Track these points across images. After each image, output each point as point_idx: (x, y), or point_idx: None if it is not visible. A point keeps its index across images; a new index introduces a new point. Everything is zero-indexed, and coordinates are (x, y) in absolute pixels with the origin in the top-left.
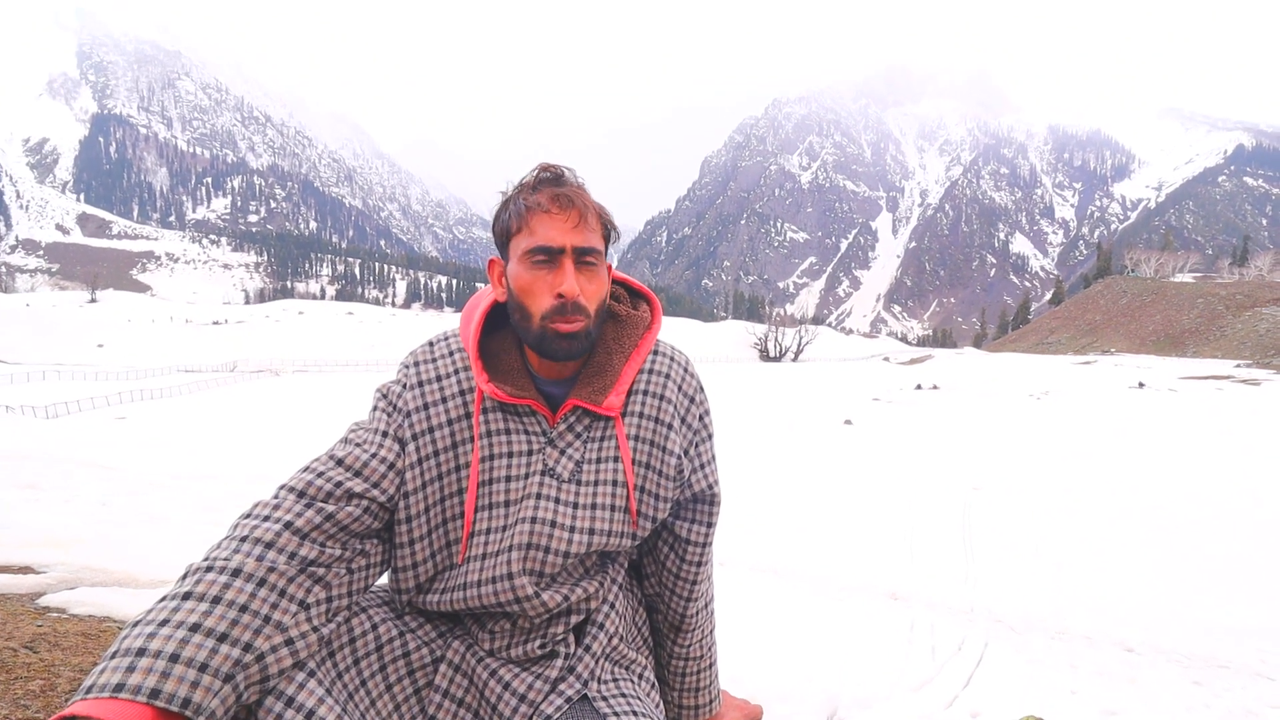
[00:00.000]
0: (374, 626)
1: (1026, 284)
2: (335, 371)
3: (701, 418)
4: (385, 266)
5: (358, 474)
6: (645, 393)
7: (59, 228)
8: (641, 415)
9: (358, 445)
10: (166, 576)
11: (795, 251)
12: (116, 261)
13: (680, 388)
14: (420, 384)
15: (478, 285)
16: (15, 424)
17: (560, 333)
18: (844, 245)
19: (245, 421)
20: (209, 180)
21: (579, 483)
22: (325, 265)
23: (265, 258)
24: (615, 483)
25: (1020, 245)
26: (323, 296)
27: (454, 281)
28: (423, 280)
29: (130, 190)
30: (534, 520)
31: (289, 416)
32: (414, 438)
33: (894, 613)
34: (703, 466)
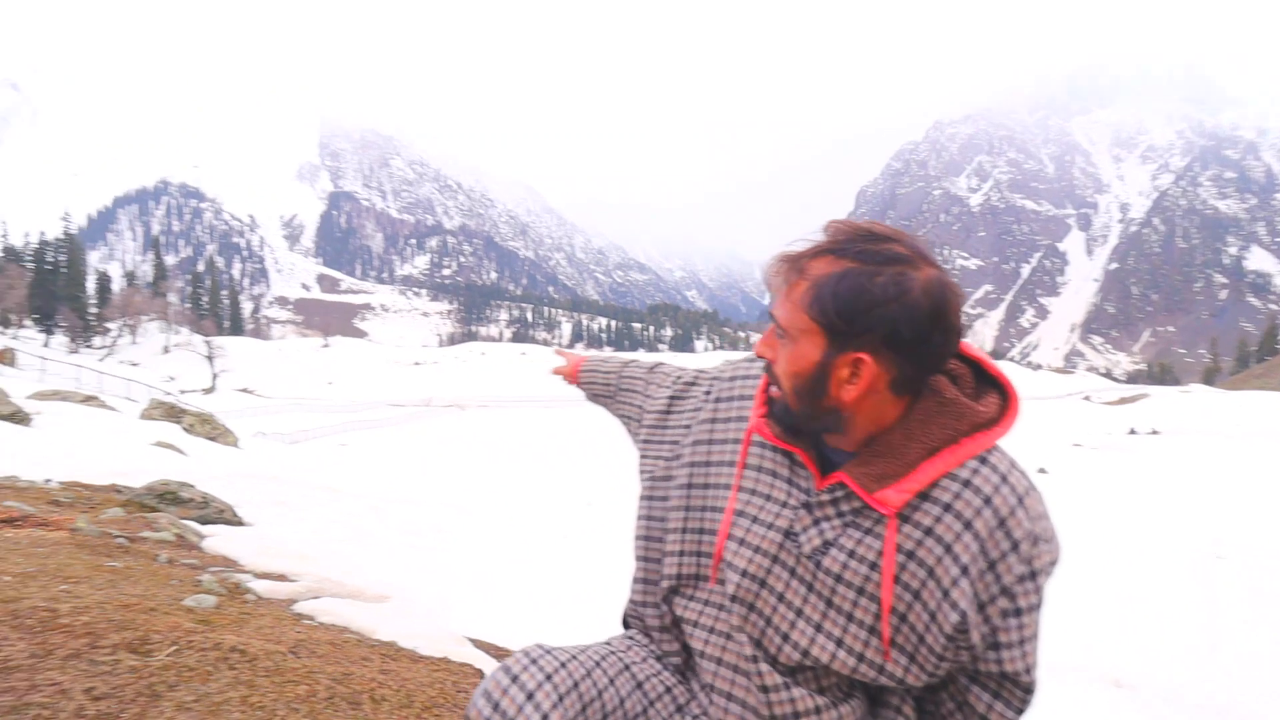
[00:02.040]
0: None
1: (1271, 306)
2: (510, 407)
3: (1024, 579)
4: (552, 310)
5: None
6: (947, 508)
7: (303, 286)
8: (929, 533)
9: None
10: (384, 593)
11: (967, 279)
12: (343, 312)
13: (1003, 525)
14: (730, 398)
15: (634, 326)
16: (267, 448)
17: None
18: (1026, 271)
19: (437, 451)
20: (413, 242)
21: (819, 566)
22: (503, 310)
23: (455, 306)
24: (862, 591)
25: (1259, 260)
26: (501, 339)
27: (613, 323)
28: (585, 322)
29: (355, 253)
30: (763, 584)
31: (471, 447)
32: (693, 444)
33: (1120, 703)
34: (1014, 645)
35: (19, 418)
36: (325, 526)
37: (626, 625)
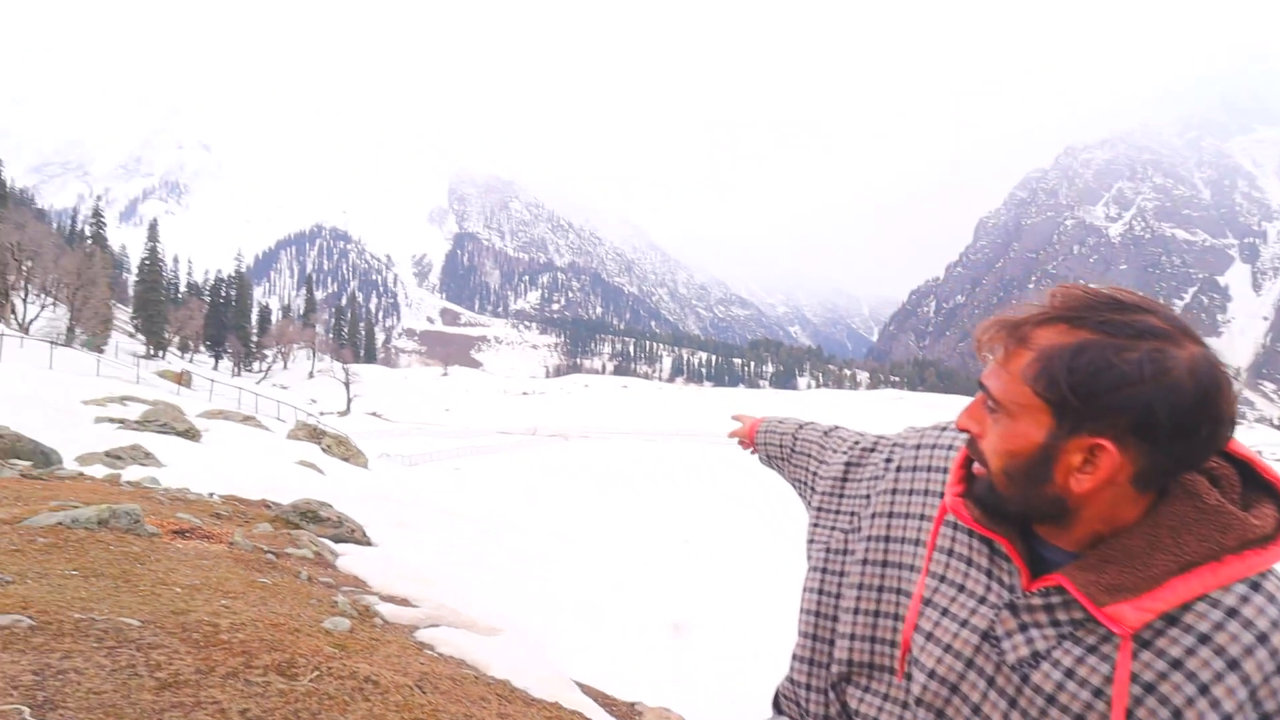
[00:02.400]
0: None
1: None
2: (611, 438)
3: None
4: (654, 345)
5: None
6: (1204, 640)
7: (428, 319)
8: (1178, 666)
9: (833, 449)
10: (497, 624)
11: None
12: (462, 344)
13: None
14: (914, 468)
15: (735, 361)
16: (391, 470)
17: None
18: (1179, 307)
19: (542, 479)
20: (526, 278)
21: (1025, 681)
22: (606, 344)
23: (562, 339)
24: None
25: None
26: (604, 371)
27: (713, 358)
28: (686, 356)
29: (474, 289)
30: (955, 690)
31: (574, 477)
32: (872, 516)
33: None
34: None
35: (192, 434)
36: (442, 550)
37: (778, 705)
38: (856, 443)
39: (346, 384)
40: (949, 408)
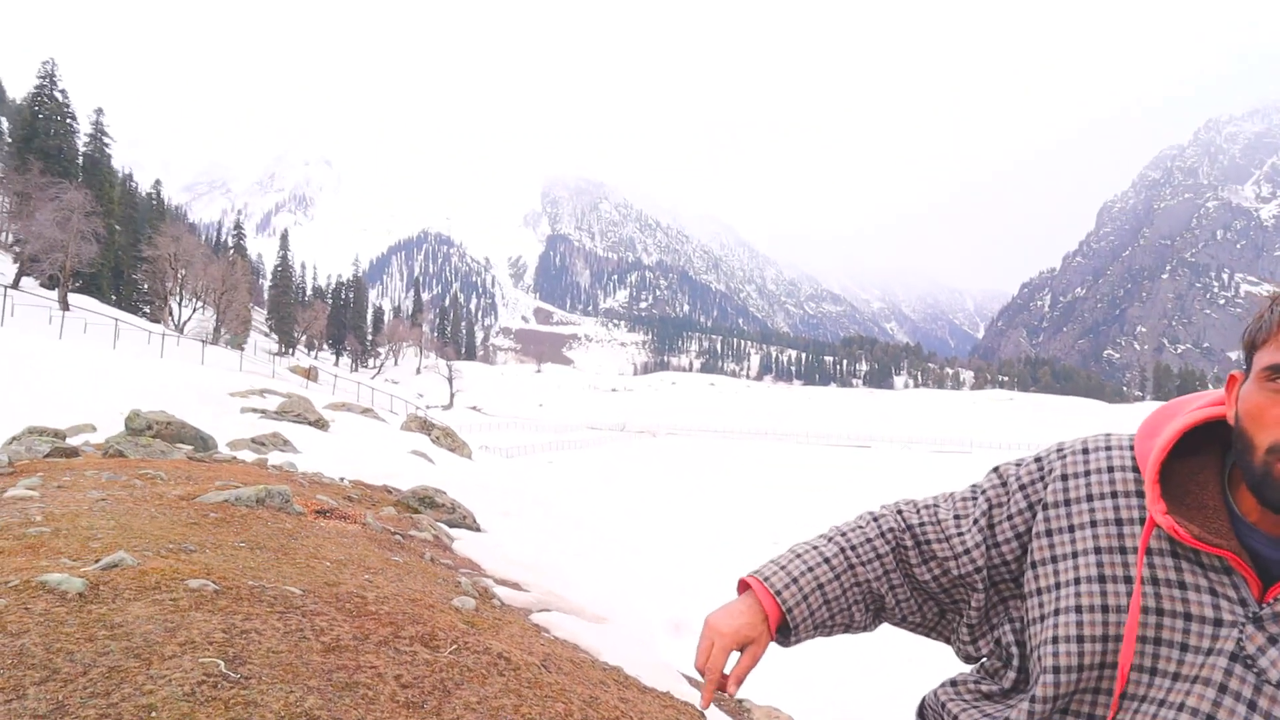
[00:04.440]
0: None
1: None
2: (698, 435)
3: None
4: (742, 342)
5: (943, 540)
6: None
7: (522, 318)
8: None
9: (957, 517)
10: (600, 612)
11: (1257, 311)
12: (554, 342)
13: None
14: (1066, 502)
15: (826, 359)
16: (491, 461)
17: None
18: None
19: (631, 473)
20: (615, 277)
21: None
22: (694, 342)
23: (650, 337)
24: None
25: None
26: (691, 369)
27: (803, 355)
28: (774, 354)
29: (566, 288)
30: None
31: (662, 472)
32: (1048, 560)
33: None
34: None
35: (321, 423)
36: (544, 539)
37: (924, 716)
38: (970, 500)
39: (450, 379)
40: (1067, 410)
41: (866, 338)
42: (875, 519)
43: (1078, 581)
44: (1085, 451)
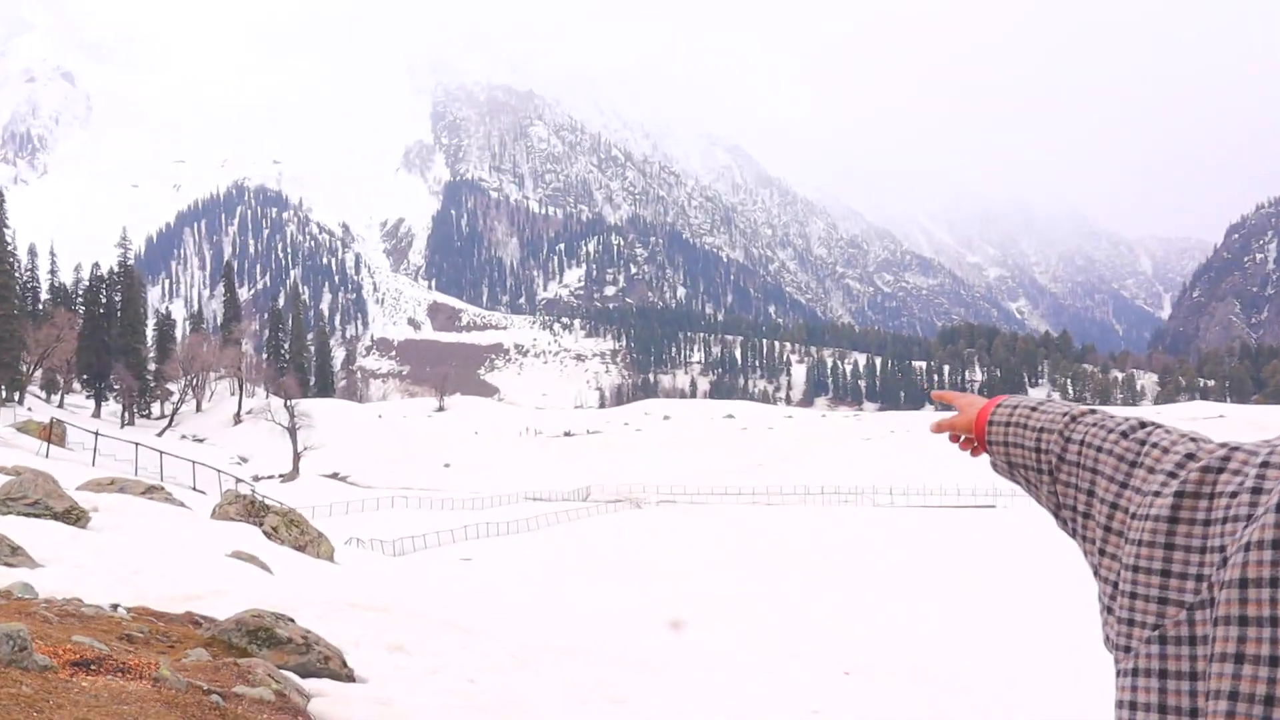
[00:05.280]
0: None
1: None
2: (712, 501)
3: None
4: (776, 344)
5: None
6: None
7: (411, 322)
8: None
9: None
10: None
11: None
12: (465, 359)
13: None
14: None
15: (914, 365)
16: (367, 562)
17: None
18: None
19: (604, 571)
20: (561, 247)
21: None
22: (696, 348)
23: (622, 343)
24: None
25: None
26: (693, 392)
27: (878, 361)
28: (830, 362)
29: (480, 270)
30: None
31: (654, 564)
32: (1239, 584)
33: None
34: None
35: (74, 515)
36: (460, 686)
37: None
38: (1190, 456)
39: (292, 431)
40: None
41: (981, 326)
42: (1074, 416)
43: (1274, 623)
44: None
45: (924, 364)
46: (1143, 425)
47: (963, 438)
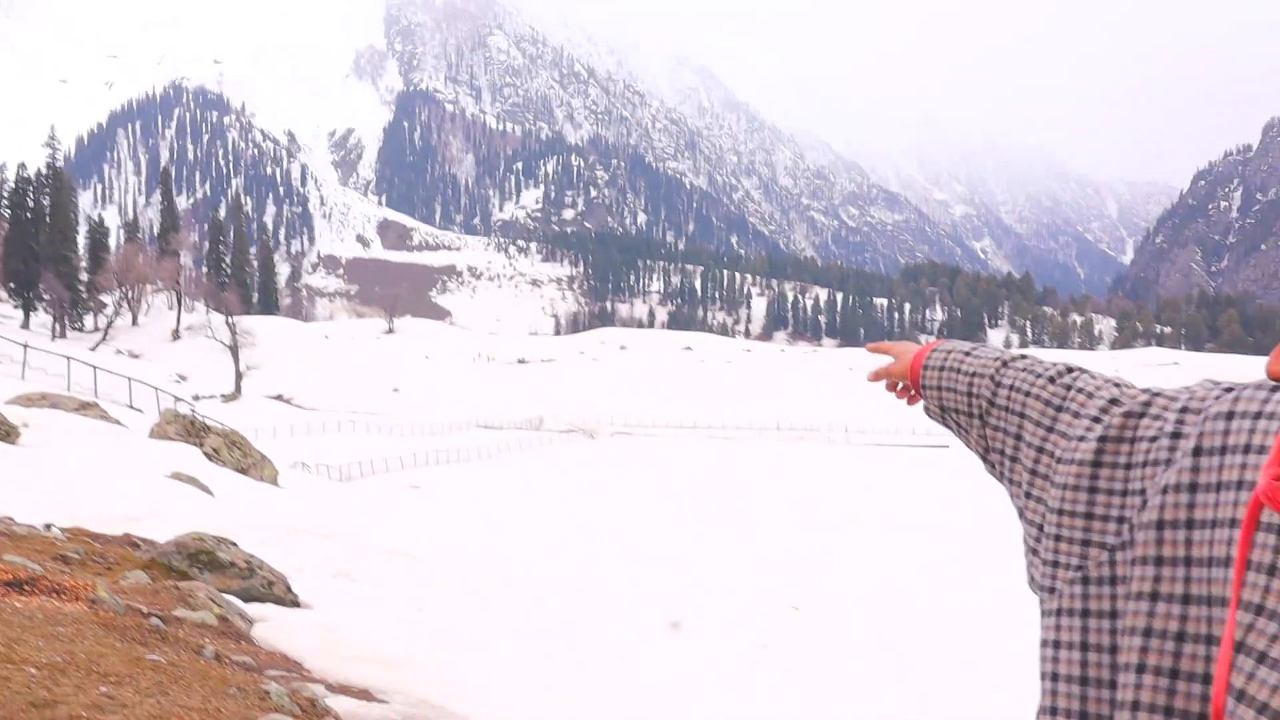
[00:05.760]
0: None
1: None
2: (667, 434)
3: None
4: (737, 276)
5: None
6: None
7: (359, 239)
8: None
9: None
10: None
11: None
12: (416, 280)
13: None
14: (1221, 449)
15: (876, 302)
16: (313, 488)
17: None
18: None
19: (555, 500)
20: (518, 166)
21: None
22: (655, 277)
23: (580, 269)
24: None
25: None
26: (651, 322)
27: (838, 296)
28: (790, 296)
29: (433, 187)
30: None
31: (607, 496)
32: (1156, 526)
33: None
34: None
35: (3, 431)
36: (407, 614)
37: None
38: (1114, 401)
39: (234, 349)
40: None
41: (944, 265)
42: (1005, 361)
43: (1187, 563)
44: (1275, 389)
45: (885, 301)
46: (1069, 370)
47: (900, 385)
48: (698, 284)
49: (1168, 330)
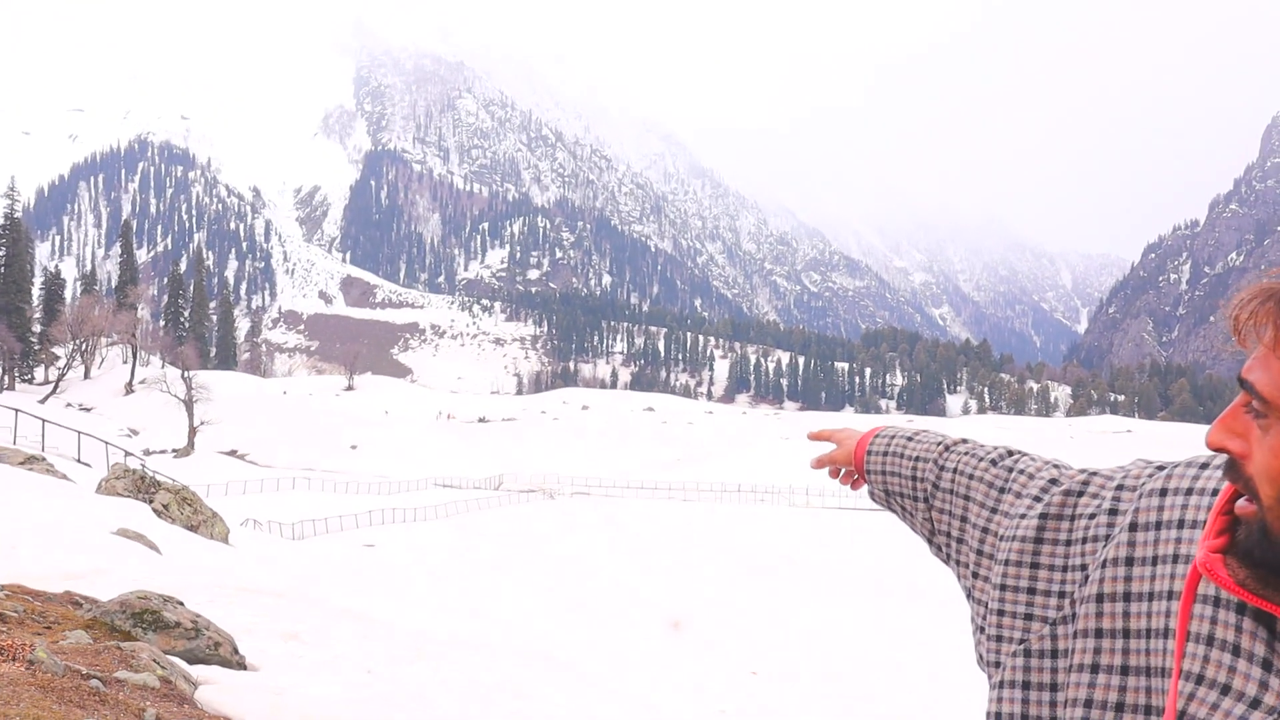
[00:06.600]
0: None
1: None
2: (628, 495)
3: None
4: (700, 338)
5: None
6: None
7: (322, 295)
8: None
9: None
10: None
11: None
12: (378, 337)
13: None
14: (1157, 525)
15: (837, 366)
16: (264, 546)
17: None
18: None
19: (514, 561)
20: (485, 226)
21: None
22: (619, 338)
23: (544, 329)
24: None
25: None
26: (613, 383)
27: (800, 360)
28: (753, 359)
29: (398, 245)
30: None
31: (565, 557)
32: (1096, 599)
33: None
34: None
35: None
36: (357, 677)
37: None
38: (1053, 481)
39: (189, 403)
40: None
41: (904, 330)
42: (947, 445)
43: (1126, 635)
44: (1189, 467)
45: (846, 365)
46: (1010, 454)
47: (843, 471)
48: (661, 345)
49: (1121, 398)
